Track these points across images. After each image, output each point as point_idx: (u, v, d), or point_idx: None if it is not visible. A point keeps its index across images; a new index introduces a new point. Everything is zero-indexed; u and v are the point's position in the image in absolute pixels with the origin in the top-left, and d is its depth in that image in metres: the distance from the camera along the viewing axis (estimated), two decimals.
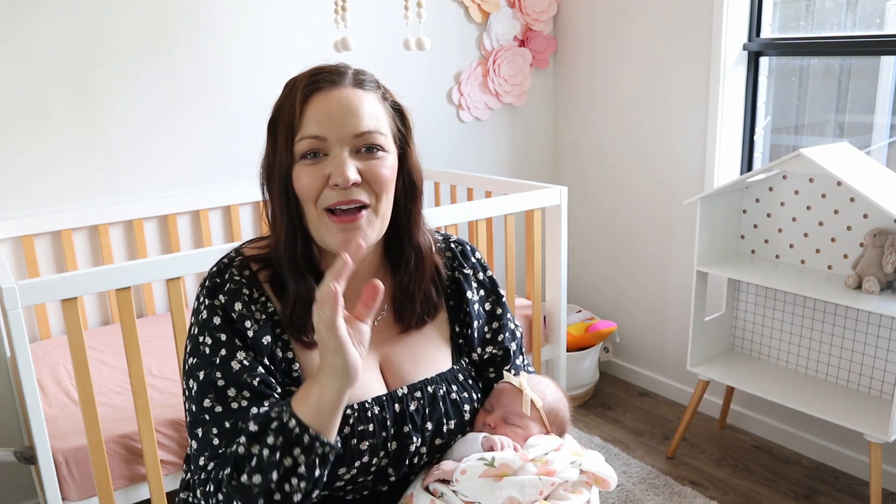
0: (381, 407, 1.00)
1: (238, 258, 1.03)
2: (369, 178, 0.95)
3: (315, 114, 0.94)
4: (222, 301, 0.97)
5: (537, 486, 0.95)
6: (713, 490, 2.32)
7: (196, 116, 2.45)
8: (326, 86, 0.95)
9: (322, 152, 0.94)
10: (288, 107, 0.96)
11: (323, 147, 0.94)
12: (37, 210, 2.25)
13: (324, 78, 0.96)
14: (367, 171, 0.95)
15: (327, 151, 0.94)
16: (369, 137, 0.95)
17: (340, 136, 0.93)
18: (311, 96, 0.94)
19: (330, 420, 0.86)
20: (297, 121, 0.94)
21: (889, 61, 2.26)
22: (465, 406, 1.07)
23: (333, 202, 0.94)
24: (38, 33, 2.17)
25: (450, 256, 1.14)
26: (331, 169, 0.93)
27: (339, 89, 0.95)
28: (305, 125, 0.94)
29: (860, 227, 2.11)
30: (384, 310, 1.07)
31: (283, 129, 0.95)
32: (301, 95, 0.95)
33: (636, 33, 2.80)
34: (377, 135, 0.95)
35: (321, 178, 0.93)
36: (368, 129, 0.95)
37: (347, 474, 0.96)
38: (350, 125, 0.94)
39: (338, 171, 0.92)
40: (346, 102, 0.94)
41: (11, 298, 1.49)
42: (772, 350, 2.41)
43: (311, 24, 2.59)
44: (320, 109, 0.94)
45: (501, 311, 1.16)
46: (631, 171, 2.93)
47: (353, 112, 0.94)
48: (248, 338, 0.96)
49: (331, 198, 0.94)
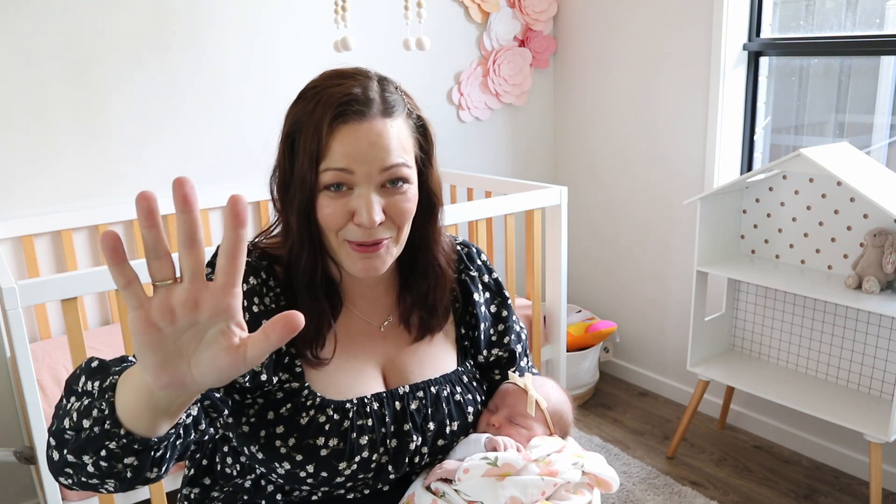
0: (380, 403, 1.00)
1: (256, 251, 1.03)
2: (392, 214, 0.94)
3: (342, 146, 0.90)
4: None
5: (540, 487, 0.95)
6: (713, 490, 2.32)
7: (196, 116, 2.45)
8: (355, 117, 0.90)
9: (347, 186, 0.91)
10: (311, 128, 0.91)
11: (349, 181, 0.91)
12: (37, 210, 2.24)
13: (353, 109, 0.90)
14: (390, 207, 0.93)
15: (353, 185, 0.91)
16: (396, 171, 0.92)
17: (368, 171, 0.91)
18: (338, 127, 0.90)
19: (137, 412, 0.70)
20: (322, 149, 0.90)
21: (889, 61, 2.26)
22: (468, 408, 1.07)
23: (356, 239, 0.93)
24: (38, 33, 2.16)
25: (456, 259, 1.14)
26: (356, 206, 0.91)
27: (368, 122, 0.90)
28: (331, 156, 0.90)
29: (860, 227, 2.11)
30: (390, 316, 1.07)
31: (307, 153, 0.91)
32: (328, 125, 0.90)
33: (636, 33, 2.80)
34: (403, 168, 0.93)
35: (346, 212, 0.92)
36: (396, 162, 0.92)
37: (348, 469, 0.96)
38: (378, 160, 0.91)
39: (364, 213, 0.90)
40: (376, 137, 0.90)
41: (11, 298, 1.49)
42: (772, 350, 2.41)
43: (311, 24, 2.58)
44: (348, 142, 0.90)
45: (507, 313, 1.16)
46: (631, 171, 2.93)
47: (381, 147, 0.91)
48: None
49: (354, 235, 0.93)
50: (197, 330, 0.60)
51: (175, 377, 0.61)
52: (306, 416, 0.96)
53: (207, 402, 0.90)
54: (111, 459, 0.73)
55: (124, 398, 0.70)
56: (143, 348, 0.60)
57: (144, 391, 0.66)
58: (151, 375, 0.61)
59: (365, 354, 1.04)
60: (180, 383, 0.61)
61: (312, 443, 0.95)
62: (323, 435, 0.95)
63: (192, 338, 0.60)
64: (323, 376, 0.99)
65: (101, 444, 0.72)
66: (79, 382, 0.79)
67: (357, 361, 1.02)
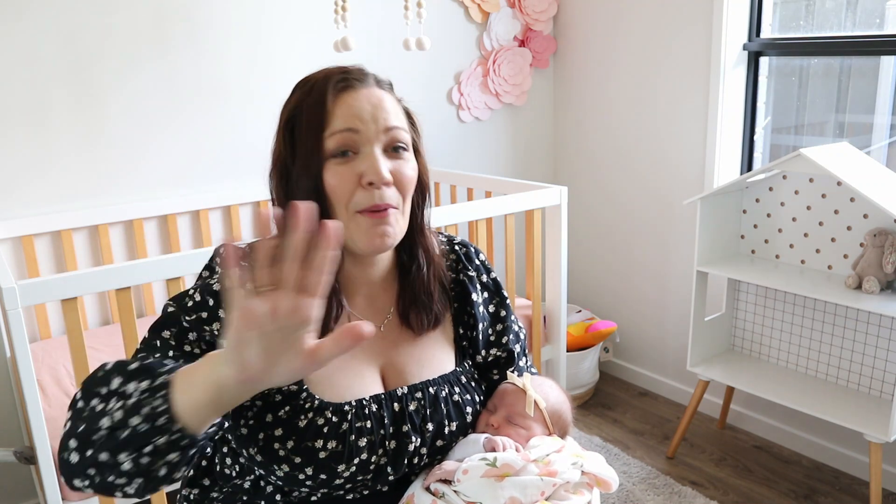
0: (378, 405, 1.00)
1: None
2: (398, 179, 0.95)
3: (346, 108, 0.93)
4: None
5: (539, 487, 0.95)
6: (713, 490, 2.33)
7: (196, 116, 2.45)
8: (356, 83, 0.96)
9: (352, 150, 0.93)
10: (313, 105, 0.94)
11: (354, 142, 0.93)
12: (37, 210, 2.25)
13: (353, 76, 0.96)
14: (396, 171, 0.95)
15: (358, 149, 0.93)
16: (398, 134, 0.96)
17: (373, 130, 0.94)
18: (340, 93, 0.94)
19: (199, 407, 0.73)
20: (326, 117, 0.93)
21: (889, 61, 2.26)
22: (467, 408, 1.06)
23: (366, 206, 0.93)
24: (38, 33, 2.17)
25: (454, 259, 1.14)
26: (364, 167, 0.92)
27: (367, 87, 0.96)
28: (335, 121, 0.93)
29: (860, 227, 2.11)
30: (389, 314, 1.07)
31: (310, 128, 0.94)
32: (331, 93, 0.94)
33: (636, 33, 2.80)
34: (402, 132, 0.97)
35: (354, 177, 0.93)
36: (397, 125, 0.96)
37: (346, 471, 0.96)
38: (381, 120, 0.94)
39: (372, 169, 0.92)
40: (377, 100, 0.95)
41: (11, 298, 1.49)
42: (772, 350, 2.41)
43: (311, 24, 2.58)
44: (352, 104, 0.94)
45: (506, 313, 1.16)
46: (631, 171, 2.93)
47: (383, 108, 0.95)
48: None
49: (363, 200, 0.93)
50: (285, 333, 0.65)
51: (259, 372, 0.66)
52: (305, 418, 0.96)
53: None
54: (154, 455, 0.74)
55: (185, 394, 0.73)
56: (241, 343, 0.66)
57: (215, 385, 0.70)
58: (238, 369, 0.67)
59: (363, 355, 1.03)
60: (259, 379, 0.67)
61: (311, 445, 0.95)
62: (321, 437, 0.95)
63: (281, 339, 0.65)
64: (321, 378, 0.99)
65: (147, 441, 0.73)
66: (109, 384, 0.79)
67: (356, 362, 1.02)
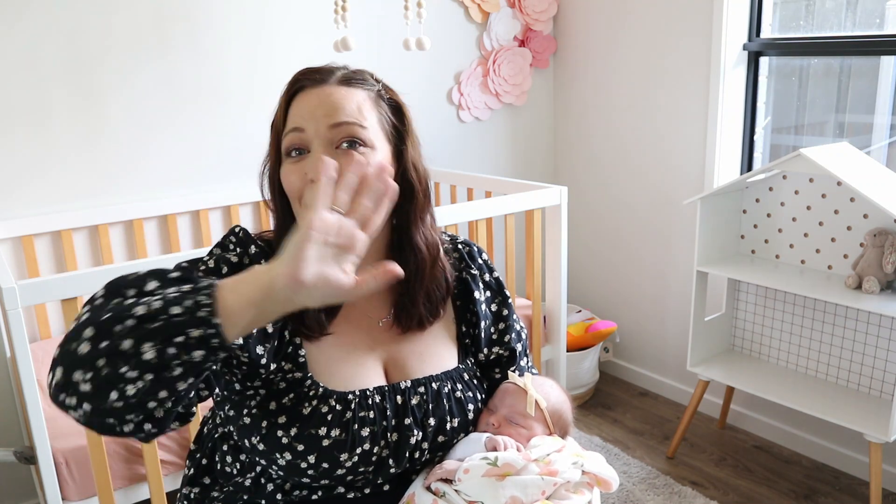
0: (382, 396, 1.00)
1: (260, 240, 1.05)
2: None
3: (297, 108, 0.97)
4: (253, 251, 1.00)
5: (540, 486, 0.95)
6: (713, 490, 2.33)
7: (196, 116, 2.45)
8: (310, 84, 0.98)
9: (305, 149, 0.96)
10: (279, 106, 1.00)
11: (303, 141, 0.96)
12: (37, 210, 2.24)
13: (308, 77, 0.98)
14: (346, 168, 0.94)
15: (308, 147, 0.96)
16: (347, 129, 0.95)
17: (317, 127, 0.95)
18: (295, 95, 0.98)
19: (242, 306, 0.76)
20: (284, 118, 0.98)
21: (889, 61, 2.26)
22: (469, 405, 1.07)
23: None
24: (38, 33, 2.17)
25: (457, 257, 1.15)
26: (309, 165, 0.95)
27: (322, 87, 0.97)
28: (288, 120, 0.97)
29: (860, 227, 2.11)
30: (390, 311, 1.08)
31: (273, 129, 1.00)
32: (288, 94, 0.99)
33: (636, 33, 2.80)
34: (356, 127, 0.95)
35: (303, 175, 0.95)
36: (346, 120, 0.95)
37: (349, 461, 0.96)
38: (326, 117, 0.95)
39: (311, 166, 0.94)
40: (326, 97, 0.96)
41: (11, 298, 1.49)
42: (772, 350, 2.41)
43: (311, 24, 2.59)
44: (302, 104, 0.97)
45: (508, 312, 1.16)
46: (631, 171, 2.93)
47: (331, 105, 0.96)
48: None
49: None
50: (337, 253, 0.74)
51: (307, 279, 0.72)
52: (309, 405, 0.97)
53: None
54: (182, 348, 0.74)
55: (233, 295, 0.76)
56: (304, 242, 0.72)
57: (267, 283, 0.75)
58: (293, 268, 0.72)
59: (366, 348, 1.04)
60: (303, 286, 0.72)
61: (314, 433, 0.95)
62: (325, 425, 0.96)
63: (332, 259, 0.74)
64: (325, 368, 1.00)
65: (181, 331, 0.74)
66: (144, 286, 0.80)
67: (358, 355, 1.03)
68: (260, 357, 0.96)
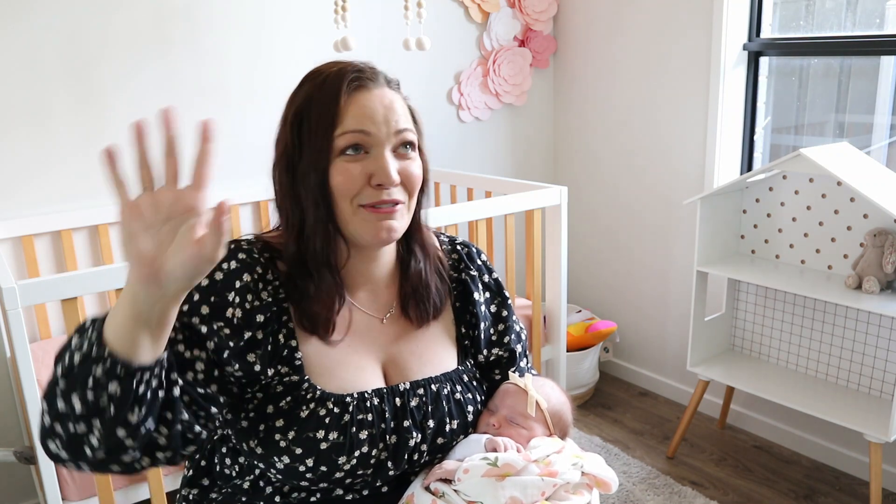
0: (380, 399, 1.00)
1: (258, 243, 1.04)
2: (405, 178, 0.98)
3: (360, 108, 0.95)
4: (231, 267, 0.98)
5: (539, 487, 0.95)
6: (713, 490, 2.33)
7: (196, 116, 2.43)
8: (369, 83, 0.97)
9: (364, 149, 0.95)
10: (325, 101, 0.96)
11: (366, 143, 0.95)
12: (37, 210, 2.24)
13: (366, 76, 0.98)
14: (403, 171, 0.97)
15: (369, 149, 0.95)
16: (406, 136, 0.98)
17: (385, 133, 0.95)
18: (353, 93, 0.96)
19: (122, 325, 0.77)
20: (338, 115, 0.95)
21: (889, 61, 2.26)
22: (468, 407, 1.07)
23: (374, 201, 0.96)
24: (38, 33, 2.16)
25: (456, 258, 1.15)
26: (373, 168, 0.95)
27: (379, 89, 0.98)
28: (347, 120, 0.95)
29: (860, 227, 2.11)
30: (391, 309, 1.08)
31: (320, 125, 0.95)
32: (344, 91, 0.95)
33: (636, 33, 2.80)
34: (411, 133, 0.99)
35: (363, 175, 0.95)
36: (406, 126, 0.98)
37: (347, 464, 0.96)
38: (392, 122, 0.96)
39: (382, 172, 0.94)
40: (389, 102, 0.97)
41: (11, 298, 1.49)
42: (772, 350, 2.41)
43: (311, 24, 2.58)
44: (365, 105, 0.95)
45: (507, 313, 1.16)
46: (631, 171, 2.93)
47: (394, 110, 0.97)
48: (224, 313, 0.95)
49: (371, 196, 0.96)
50: (172, 226, 0.73)
51: (153, 266, 0.72)
52: (306, 409, 0.96)
53: (187, 398, 0.90)
54: (97, 389, 0.76)
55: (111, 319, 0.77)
56: (130, 238, 0.72)
57: (129, 297, 0.75)
58: (136, 265, 0.72)
59: (365, 349, 1.04)
60: (157, 275, 0.72)
61: (312, 436, 0.95)
62: (323, 428, 0.95)
63: (169, 233, 0.73)
64: (323, 370, 1.00)
65: (88, 373, 0.76)
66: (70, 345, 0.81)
67: (357, 356, 1.03)
68: (252, 365, 0.96)
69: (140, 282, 0.73)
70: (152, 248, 0.72)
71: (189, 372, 0.92)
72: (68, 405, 0.77)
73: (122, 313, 0.76)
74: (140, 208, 0.72)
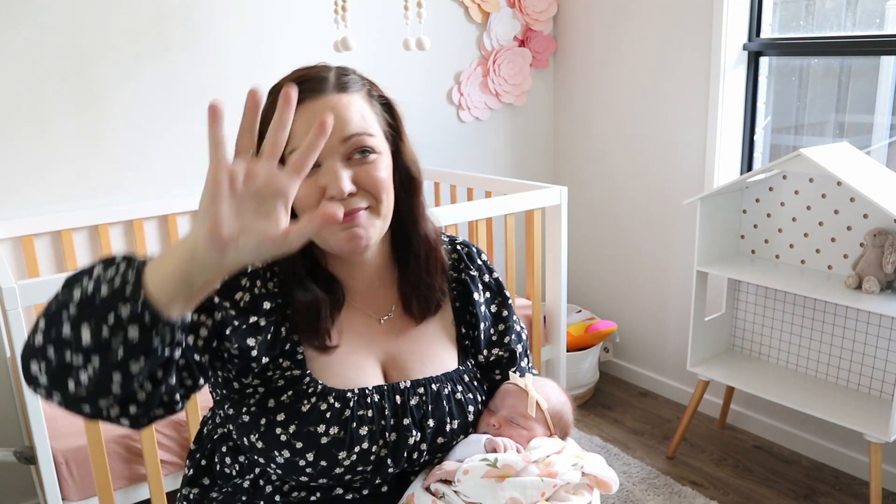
0: (380, 396, 1.00)
1: None
2: (365, 184, 0.95)
3: (301, 123, 0.91)
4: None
5: (539, 488, 0.95)
6: (713, 490, 2.33)
7: (196, 116, 2.45)
8: (309, 95, 0.94)
9: (316, 162, 0.93)
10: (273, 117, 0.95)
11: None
12: (37, 210, 2.24)
13: (306, 87, 0.94)
14: (361, 178, 0.94)
15: (319, 162, 0.93)
16: (358, 140, 0.94)
17: (329, 144, 0.92)
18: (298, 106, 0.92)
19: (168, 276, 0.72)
20: None
21: (889, 61, 2.26)
22: (469, 407, 1.07)
23: None
24: (38, 33, 2.16)
25: (456, 258, 1.15)
26: (325, 181, 0.92)
27: (322, 97, 0.94)
28: (293, 137, 0.91)
29: (860, 227, 2.11)
30: (391, 309, 1.08)
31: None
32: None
33: (636, 33, 2.80)
34: (366, 136, 0.95)
35: (317, 189, 0.93)
36: (355, 131, 0.94)
37: (347, 460, 0.96)
38: (337, 131, 0.93)
39: (333, 184, 0.92)
40: (331, 110, 0.93)
41: (11, 298, 1.49)
42: (772, 350, 2.41)
43: (311, 24, 2.58)
44: (305, 119, 0.92)
45: (508, 313, 1.16)
46: (631, 171, 2.93)
47: (339, 118, 0.93)
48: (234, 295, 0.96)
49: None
50: (259, 200, 0.69)
51: (227, 232, 0.68)
52: (307, 403, 0.97)
53: (183, 362, 0.89)
54: (115, 328, 0.71)
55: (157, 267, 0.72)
56: (214, 197, 0.67)
57: (187, 253, 0.70)
58: (210, 227, 0.67)
59: (365, 349, 1.04)
60: (226, 242, 0.68)
61: (313, 430, 0.95)
62: (324, 422, 0.96)
63: (254, 208, 0.69)
64: (323, 367, 1.00)
65: (111, 309, 0.71)
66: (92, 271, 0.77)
67: (358, 356, 1.03)
68: (250, 349, 0.96)
69: (206, 244, 0.69)
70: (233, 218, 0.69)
71: (191, 335, 0.92)
72: (75, 333, 0.72)
73: (172, 266, 0.71)
74: (234, 173, 0.69)
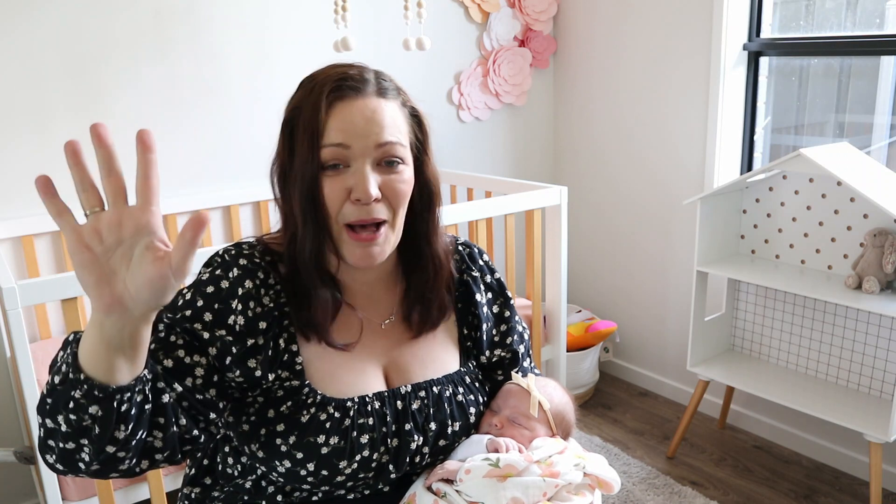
0: (381, 402, 1.00)
1: (259, 246, 1.03)
2: (388, 194, 0.95)
3: (339, 121, 0.92)
4: (234, 275, 0.97)
5: (541, 488, 0.95)
6: (713, 490, 2.33)
7: (196, 116, 2.45)
8: (351, 94, 0.93)
9: (344, 163, 0.93)
10: (309, 110, 0.93)
11: (345, 157, 0.93)
12: (37, 210, 2.24)
13: (348, 85, 0.94)
14: (386, 187, 0.94)
15: (349, 163, 0.93)
16: (391, 149, 0.94)
17: (364, 146, 0.92)
18: (334, 103, 0.93)
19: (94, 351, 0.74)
20: (320, 126, 0.92)
21: (889, 61, 2.26)
22: (470, 408, 1.06)
23: (354, 219, 0.94)
24: (38, 33, 2.16)
25: (458, 259, 1.14)
26: (352, 182, 0.92)
27: (363, 98, 0.94)
28: (328, 132, 0.92)
29: (860, 227, 2.11)
30: (392, 314, 1.07)
31: (306, 134, 0.93)
32: (325, 101, 0.92)
33: (636, 33, 2.80)
34: (398, 146, 0.95)
35: (343, 191, 0.93)
36: (390, 139, 0.94)
37: (348, 468, 0.96)
38: (373, 135, 0.93)
39: (360, 187, 0.92)
40: (371, 113, 0.93)
41: (11, 298, 1.48)
42: (772, 350, 2.41)
43: (311, 24, 2.58)
44: (344, 117, 0.92)
45: (509, 313, 1.16)
46: (631, 171, 2.93)
47: (376, 122, 0.93)
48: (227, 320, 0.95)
49: (351, 214, 0.94)
50: (125, 248, 0.68)
51: (114, 294, 0.68)
52: (307, 413, 0.96)
53: (186, 404, 0.90)
54: (78, 412, 0.75)
55: (84, 344, 0.75)
56: (81, 269, 0.68)
57: (96, 324, 0.72)
58: (94, 297, 0.68)
59: (366, 353, 1.04)
60: (119, 301, 0.69)
61: (313, 441, 0.95)
62: (324, 433, 0.95)
63: (123, 256, 0.68)
64: (323, 375, 0.99)
65: (68, 397, 0.75)
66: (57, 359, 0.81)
67: (358, 361, 1.02)
68: (253, 371, 0.96)
69: (102, 310, 0.69)
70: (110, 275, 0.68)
71: (188, 378, 0.91)
72: (55, 423, 0.77)
73: (91, 339, 0.73)
74: (86, 236, 0.68)
